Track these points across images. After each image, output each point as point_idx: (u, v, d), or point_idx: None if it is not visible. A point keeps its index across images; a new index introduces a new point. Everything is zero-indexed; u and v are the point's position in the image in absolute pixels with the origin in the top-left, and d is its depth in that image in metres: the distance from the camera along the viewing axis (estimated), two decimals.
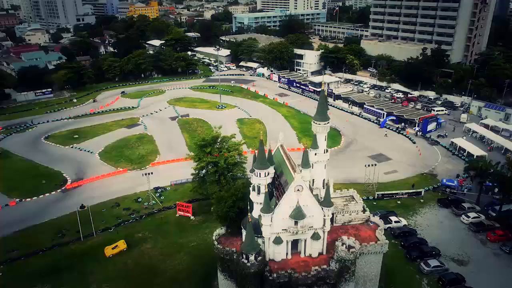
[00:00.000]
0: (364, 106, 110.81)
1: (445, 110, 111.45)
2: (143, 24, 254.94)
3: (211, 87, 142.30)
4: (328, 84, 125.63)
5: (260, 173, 40.54)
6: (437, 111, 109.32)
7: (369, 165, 69.43)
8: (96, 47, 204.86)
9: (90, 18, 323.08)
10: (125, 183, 75.34)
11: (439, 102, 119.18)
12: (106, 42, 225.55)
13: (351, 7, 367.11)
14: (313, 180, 42.63)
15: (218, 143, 62.59)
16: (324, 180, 43.31)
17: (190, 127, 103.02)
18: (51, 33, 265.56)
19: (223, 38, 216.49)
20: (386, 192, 68.02)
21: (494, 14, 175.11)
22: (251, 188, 42.21)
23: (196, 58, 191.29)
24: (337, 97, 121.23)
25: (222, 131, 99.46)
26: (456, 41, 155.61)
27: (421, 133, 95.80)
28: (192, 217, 63.09)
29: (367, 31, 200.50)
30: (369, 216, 47.86)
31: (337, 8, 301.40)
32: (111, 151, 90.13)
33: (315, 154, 41.28)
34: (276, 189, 42.48)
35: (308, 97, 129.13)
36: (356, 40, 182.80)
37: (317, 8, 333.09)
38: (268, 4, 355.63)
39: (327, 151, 42.51)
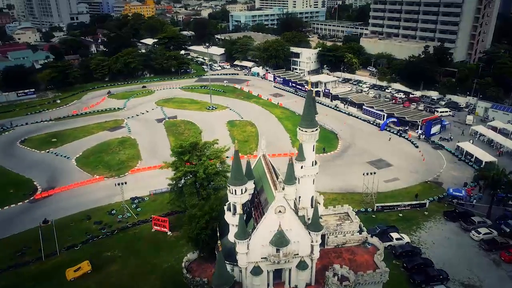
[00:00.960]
0: (363, 107, 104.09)
1: (449, 111, 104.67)
2: (137, 23, 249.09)
3: (203, 87, 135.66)
4: (325, 84, 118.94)
5: (235, 190, 33.90)
6: (440, 112, 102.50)
7: (367, 174, 62.64)
8: (87, 45, 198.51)
9: (85, 17, 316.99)
10: (100, 192, 68.65)
11: (443, 103, 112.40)
12: (99, 41, 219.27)
13: (351, 5, 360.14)
14: (300, 197, 35.96)
15: (198, 150, 55.84)
16: (312, 197, 36.65)
17: (176, 130, 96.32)
18: (42, 31, 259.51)
19: (218, 36, 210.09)
20: (386, 204, 61.23)
21: (498, 11, 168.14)
22: (225, 207, 35.58)
23: (189, 57, 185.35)
24: (335, 97, 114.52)
25: (211, 133, 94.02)
26: (460, 38, 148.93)
27: (424, 136, 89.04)
28: (169, 233, 56.42)
29: (367, 29, 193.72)
30: (366, 237, 41.19)
31: (336, 5, 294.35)
32: (90, 156, 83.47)
33: (301, 167, 34.62)
34: (256, 209, 35.82)
35: (304, 97, 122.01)
36: (355, 39, 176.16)
37: (316, 7, 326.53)
38: (267, 3, 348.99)
39: (316, 163, 35.83)
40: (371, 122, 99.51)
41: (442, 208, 61.79)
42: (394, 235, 53.09)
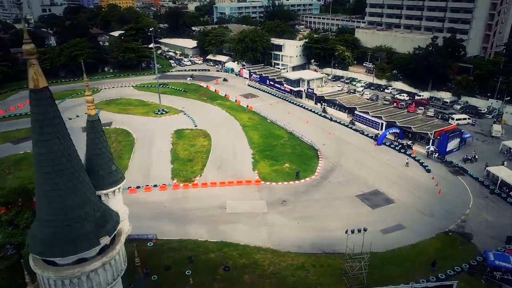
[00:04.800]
0: (355, 112, 79.35)
1: (468, 118, 79.89)
2: (110, 14, 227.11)
3: (162, 86, 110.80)
4: (308, 82, 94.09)
5: None
6: (457, 120, 77.81)
7: (352, 232, 37.70)
8: (43, 38, 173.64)
9: (59, 9, 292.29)
10: None
11: (458, 107, 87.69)
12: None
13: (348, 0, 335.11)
14: None
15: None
16: None
17: None
18: (5, 22, 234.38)
19: (194, 28, 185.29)
20: None
21: None
22: None
23: (160, 51, 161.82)
24: (320, 99, 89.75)
25: (147, 148, 69.29)
26: (474, 29, 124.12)
27: (437, 154, 64.33)
28: None
29: (364, 22, 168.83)
30: None
31: None
32: None
33: None
34: None
35: (283, 99, 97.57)
36: (350, 31, 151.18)
37: None
38: None
39: None
40: (366, 134, 74.81)
41: None
42: None
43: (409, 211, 49.73)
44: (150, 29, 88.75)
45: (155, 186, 55.70)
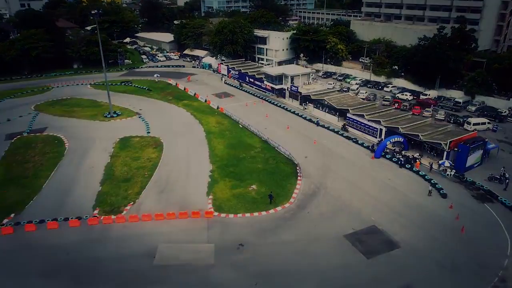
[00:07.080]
0: (348, 115, 63.75)
1: (488, 122, 64.24)
2: (89, 7, 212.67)
3: (125, 83, 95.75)
4: (291, 78, 78.48)
5: None
6: (474, 124, 62.27)
7: None
8: (7, 31, 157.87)
9: (38, 4, 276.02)
10: None
11: (473, 108, 72.16)
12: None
13: None
14: None
15: None
16: None
17: (23, 154, 55.30)
18: None
19: (176, 22, 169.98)
20: None
21: None
22: None
23: (135, 46, 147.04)
24: (306, 99, 74.14)
25: (78, 161, 53.67)
26: (485, 19, 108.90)
27: (453, 171, 48.75)
28: None
29: (361, 16, 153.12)
30: None
31: None
32: None
33: None
34: None
35: (262, 98, 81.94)
36: (345, 23, 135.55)
37: None
38: None
39: None
40: (361, 143, 59.22)
41: None
42: None
43: (422, 262, 34.02)
44: (93, 12, 72.69)
45: (66, 219, 39.93)
